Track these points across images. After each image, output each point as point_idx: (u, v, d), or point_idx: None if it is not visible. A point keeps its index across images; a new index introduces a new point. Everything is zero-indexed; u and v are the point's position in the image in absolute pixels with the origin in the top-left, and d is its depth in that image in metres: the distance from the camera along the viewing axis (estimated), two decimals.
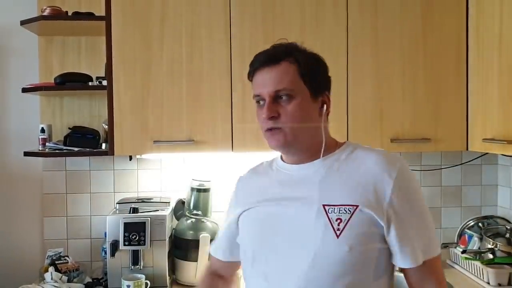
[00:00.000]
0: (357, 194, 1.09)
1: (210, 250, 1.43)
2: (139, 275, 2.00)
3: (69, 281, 2.06)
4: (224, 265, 1.38)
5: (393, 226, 1.08)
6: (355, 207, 1.08)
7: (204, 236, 2.08)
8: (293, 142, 1.15)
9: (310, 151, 1.18)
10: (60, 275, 2.06)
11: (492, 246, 2.11)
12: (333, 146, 1.21)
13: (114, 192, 2.38)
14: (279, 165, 1.26)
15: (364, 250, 1.07)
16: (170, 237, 2.17)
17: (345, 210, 1.08)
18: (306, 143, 1.18)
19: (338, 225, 1.07)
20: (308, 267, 1.07)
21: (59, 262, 2.14)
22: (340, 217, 1.07)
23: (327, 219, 1.08)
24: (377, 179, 1.10)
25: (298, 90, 1.15)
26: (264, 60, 1.16)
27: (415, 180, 1.17)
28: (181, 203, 2.28)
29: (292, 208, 1.14)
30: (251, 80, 1.21)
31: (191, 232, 2.16)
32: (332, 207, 1.09)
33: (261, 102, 1.17)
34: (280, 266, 1.11)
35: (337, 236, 1.06)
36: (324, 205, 1.10)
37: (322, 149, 1.17)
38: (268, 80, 1.15)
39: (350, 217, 1.07)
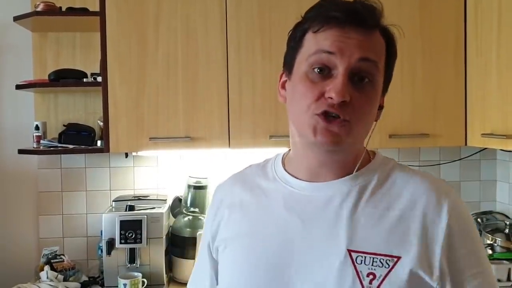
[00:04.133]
0: (397, 239, 0.77)
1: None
2: (136, 274, 1.98)
3: (65, 280, 2.05)
4: None
5: (449, 285, 0.77)
6: (395, 258, 0.76)
7: (201, 234, 2.06)
8: (349, 144, 0.81)
9: (343, 160, 0.84)
10: (56, 274, 2.04)
11: (491, 242, 2.10)
12: (365, 160, 0.87)
13: (110, 190, 2.36)
14: (282, 176, 0.89)
15: None
16: (167, 234, 2.15)
17: (381, 262, 0.76)
18: (353, 150, 0.85)
19: (370, 283, 0.75)
20: None
21: (54, 260, 2.12)
22: (373, 271, 0.76)
23: (355, 272, 0.76)
24: (424, 216, 0.79)
25: (380, 77, 0.83)
26: (352, 17, 0.78)
27: (472, 218, 0.85)
28: (178, 201, 2.26)
29: (304, 250, 0.80)
30: (311, 31, 0.81)
31: (188, 229, 2.15)
32: (362, 255, 0.77)
33: (322, 71, 0.79)
34: None
35: None
36: (350, 251, 0.77)
37: (359, 163, 0.85)
38: (355, 42, 0.78)
39: (388, 272, 0.75)
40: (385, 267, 0.76)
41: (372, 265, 0.76)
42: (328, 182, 0.84)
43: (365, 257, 0.77)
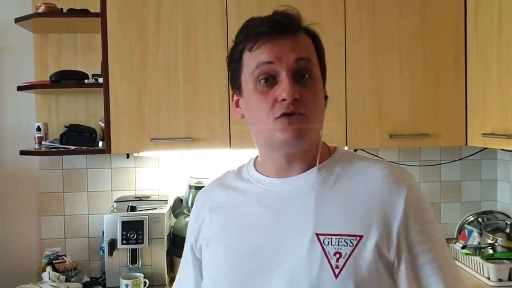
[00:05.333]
0: (360, 220, 0.86)
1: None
2: (138, 274, 1.99)
3: (67, 280, 2.05)
4: None
5: (404, 261, 0.86)
6: (358, 237, 0.85)
7: None
8: (310, 135, 0.91)
9: (306, 155, 0.94)
10: (58, 274, 2.04)
11: (492, 241, 2.10)
12: (326, 152, 0.98)
13: (111, 191, 2.36)
14: (255, 177, 0.99)
15: None
16: (169, 235, 2.16)
17: (346, 242, 0.85)
18: (311, 142, 0.93)
19: (337, 261, 0.84)
20: None
21: (56, 261, 2.12)
22: (339, 250, 0.84)
23: (323, 253, 0.85)
24: (383, 200, 0.88)
25: (317, 70, 0.93)
26: (276, 27, 0.90)
27: (427, 201, 0.93)
28: (179, 201, 2.26)
29: (278, 239, 0.89)
30: (247, 50, 0.93)
31: None
32: (329, 237, 0.85)
33: (267, 81, 0.90)
34: None
35: (336, 276, 0.83)
36: (318, 234, 0.86)
37: (319, 154, 0.94)
38: (287, 48, 0.89)
39: (353, 250, 0.84)
40: (349, 246, 0.85)
41: (338, 245, 0.85)
42: (295, 176, 0.94)
43: (331, 238, 0.85)
